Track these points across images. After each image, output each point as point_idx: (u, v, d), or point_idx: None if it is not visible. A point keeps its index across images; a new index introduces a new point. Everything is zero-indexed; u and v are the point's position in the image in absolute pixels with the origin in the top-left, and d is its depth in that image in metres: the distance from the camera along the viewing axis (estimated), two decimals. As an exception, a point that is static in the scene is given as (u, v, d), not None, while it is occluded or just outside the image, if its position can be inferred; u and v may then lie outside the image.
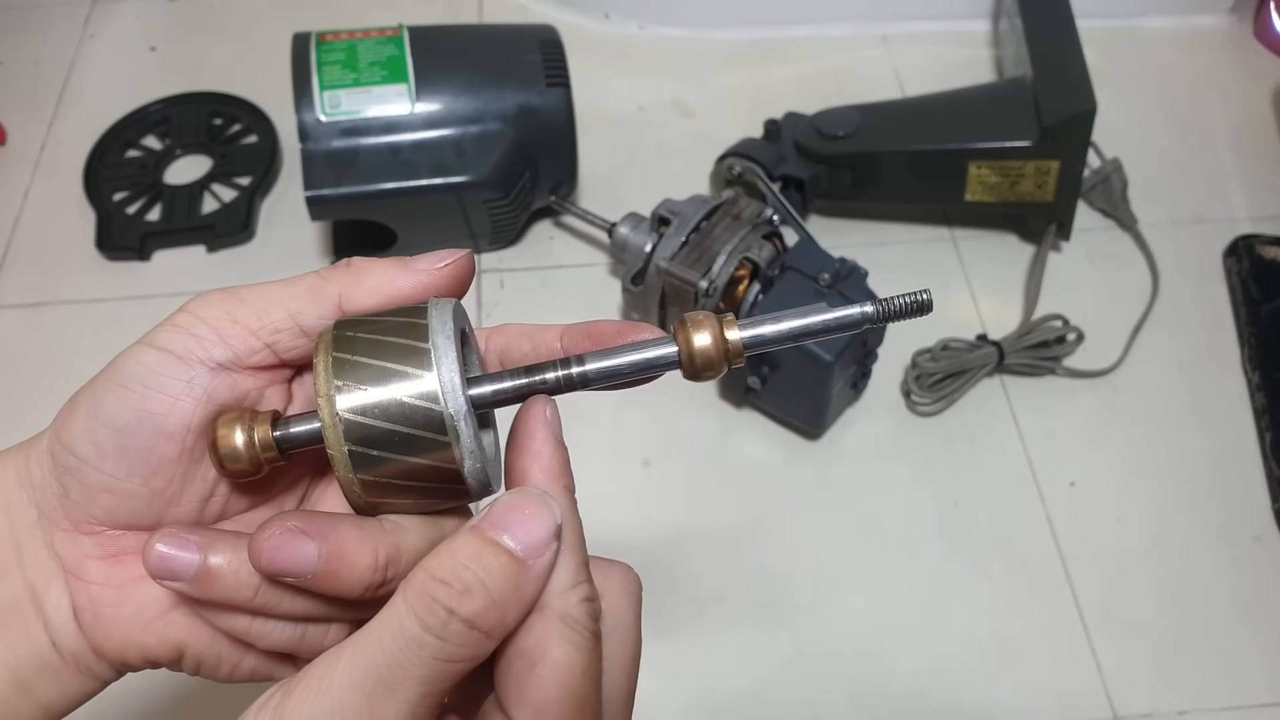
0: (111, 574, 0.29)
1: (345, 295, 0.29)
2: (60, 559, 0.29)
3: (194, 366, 0.28)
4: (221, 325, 0.28)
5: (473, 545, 0.25)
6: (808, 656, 0.59)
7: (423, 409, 0.26)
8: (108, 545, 0.29)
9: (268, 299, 0.29)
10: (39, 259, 0.76)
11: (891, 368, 0.68)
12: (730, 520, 0.64)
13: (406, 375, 0.26)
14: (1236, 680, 0.58)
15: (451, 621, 0.24)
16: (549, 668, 0.25)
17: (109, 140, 0.82)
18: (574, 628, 0.26)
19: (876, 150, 0.73)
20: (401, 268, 0.29)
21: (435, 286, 0.29)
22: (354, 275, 0.29)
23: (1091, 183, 0.77)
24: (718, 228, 0.65)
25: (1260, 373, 0.68)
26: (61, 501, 0.29)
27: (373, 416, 0.26)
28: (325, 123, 0.67)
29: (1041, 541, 0.62)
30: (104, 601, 0.29)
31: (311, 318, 0.29)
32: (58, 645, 0.29)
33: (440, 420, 0.26)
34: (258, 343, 0.29)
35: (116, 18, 0.93)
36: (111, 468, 0.28)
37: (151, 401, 0.28)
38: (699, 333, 0.28)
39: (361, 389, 0.26)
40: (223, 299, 0.29)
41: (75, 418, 0.28)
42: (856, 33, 0.90)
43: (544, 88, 0.70)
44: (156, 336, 0.29)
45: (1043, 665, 0.58)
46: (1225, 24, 0.91)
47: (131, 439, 0.28)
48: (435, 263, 0.29)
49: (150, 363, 0.28)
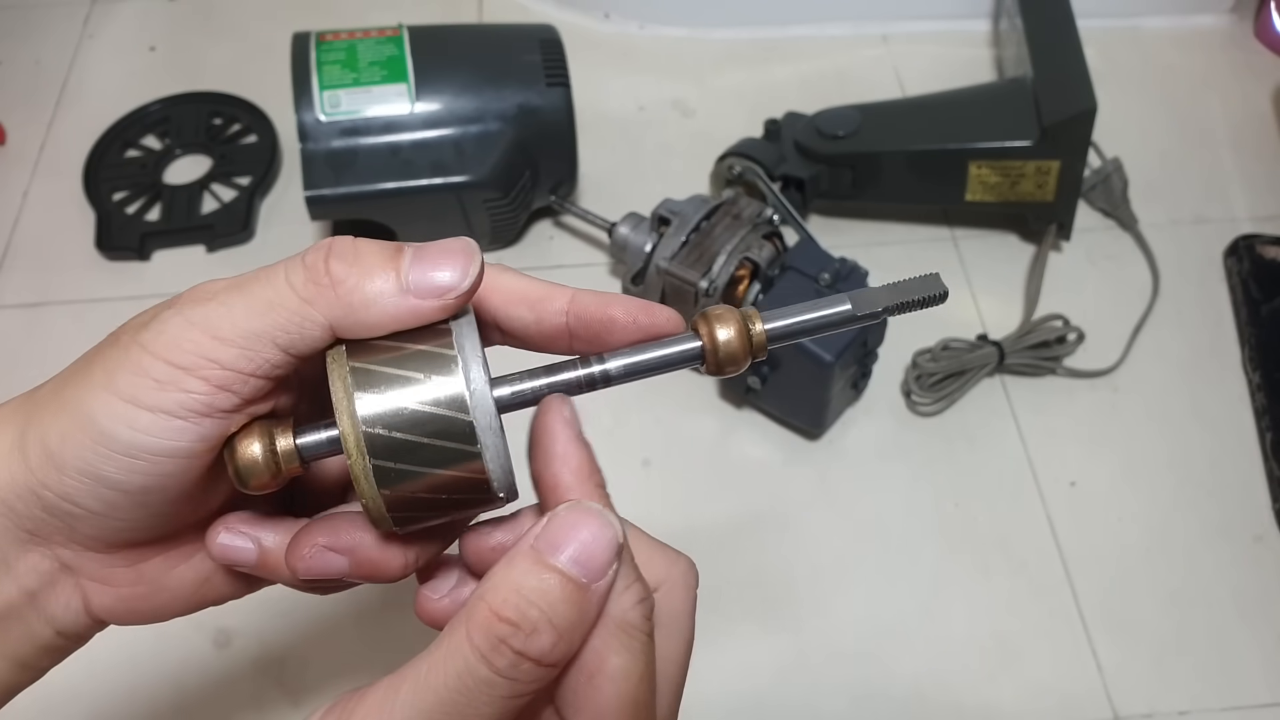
0: (141, 575, 0.29)
1: (338, 324, 0.26)
2: (75, 571, 0.29)
3: (202, 424, 0.26)
4: (209, 373, 0.25)
5: (534, 575, 0.24)
6: (808, 657, 0.59)
7: (448, 418, 0.25)
8: (131, 557, 0.29)
9: (251, 335, 0.25)
10: (38, 259, 0.76)
11: (892, 368, 0.68)
12: (730, 520, 0.63)
13: (431, 383, 0.25)
14: (1237, 680, 0.57)
15: (521, 663, 0.24)
16: (607, 678, 0.25)
17: (108, 140, 0.82)
18: (630, 634, 0.25)
19: (877, 150, 0.73)
20: (398, 288, 0.25)
21: (443, 315, 0.26)
22: (343, 302, 0.25)
23: (1092, 182, 0.77)
24: (718, 227, 0.65)
25: (1261, 373, 0.68)
26: (67, 533, 0.28)
27: (397, 428, 0.25)
28: (325, 122, 0.67)
29: (1042, 541, 0.62)
30: (137, 597, 0.29)
31: (304, 348, 0.26)
32: (63, 633, 0.29)
33: (468, 429, 0.25)
34: (258, 382, 0.26)
35: (116, 18, 0.93)
36: (129, 515, 0.27)
37: (168, 465, 0.26)
38: (722, 327, 0.27)
39: (383, 398, 0.25)
40: (198, 339, 0.25)
41: (65, 476, 0.26)
42: (857, 32, 0.90)
43: (544, 87, 0.70)
44: (140, 393, 0.25)
45: (1043, 665, 0.58)
46: (1226, 24, 0.91)
47: (150, 497, 0.27)
48: (442, 281, 0.25)
49: (149, 428, 0.25)
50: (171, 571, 0.30)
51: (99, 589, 0.29)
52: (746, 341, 0.27)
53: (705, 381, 0.69)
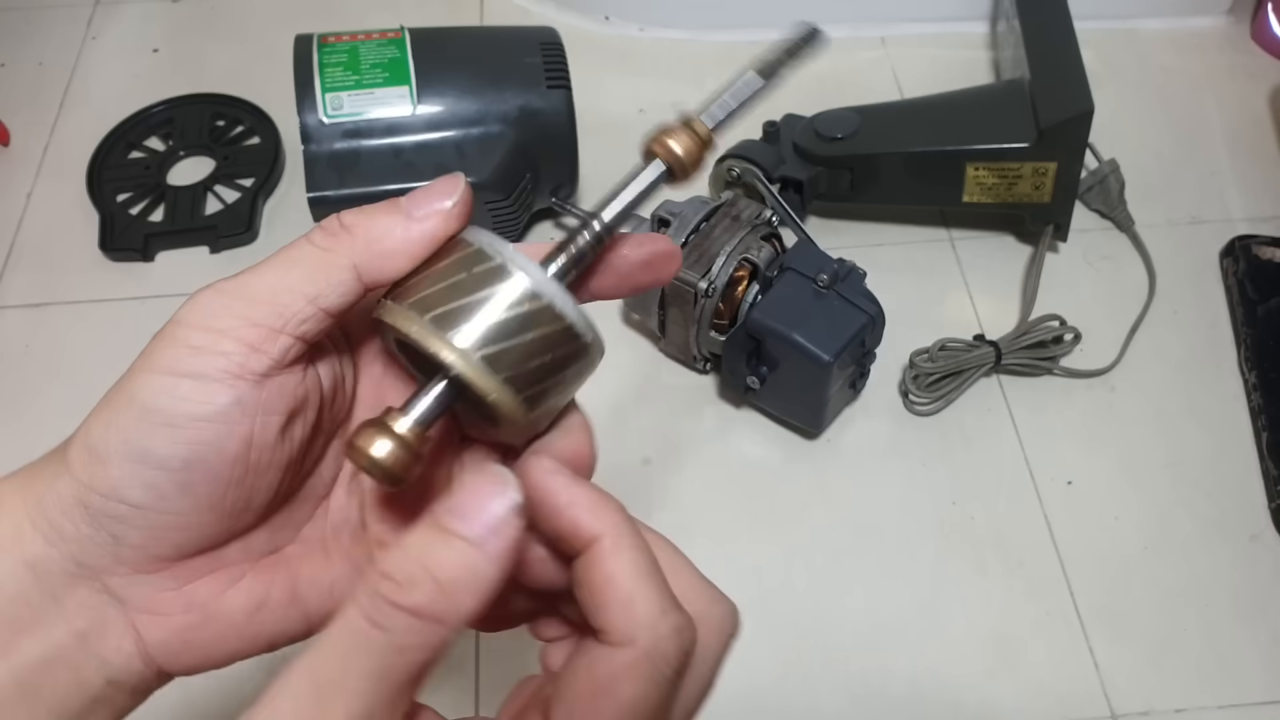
0: (191, 600, 0.29)
1: (363, 268, 0.27)
2: (125, 603, 0.28)
3: (237, 385, 0.26)
4: (242, 333, 0.26)
5: (423, 536, 0.24)
6: (807, 655, 0.59)
7: (530, 310, 0.27)
8: (180, 574, 0.28)
9: (280, 290, 0.27)
10: (42, 260, 0.77)
11: (889, 368, 0.69)
12: (729, 519, 0.64)
13: (499, 291, 0.27)
14: (1233, 678, 0.58)
15: (396, 615, 0.23)
16: (613, 701, 0.24)
17: (112, 141, 0.82)
18: (656, 665, 0.24)
19: (875, 152, 0.73)
20: (404, 217, 0.27)
21: (449, 229, 0.28)
22: (360, 241, 0.27)
23: (1089, 184, 0.77)
24: (717, 229, 0.65)
25: (1257, 372, 0.68)
26: (113, 551, 0.27)
27: (499, 342, 0.26)
28: (327, 124, 0.68)
29: (1039, 540, 0.63)
30: (190, 627, 0.29)
31: (333, 298, 0.27)
32: (114, 682, 0.28)
33: (551, 308, 0.27)
34: (288, 339, 0.27)
35: (119, 19, 0.93)
36: (175, 506, 0.27)
37: (207, 433, 0.26)
38: (674, 140, 0.31)
39: (471, 327, 0.26)
40: (229, 302, 0.27)
41: (110, 467, 0.26)
42: (855, 35, 0.91)
43: (545, 89, 0.70)
44: (178, 362, 0.26)
45: (1040, 664, 0.58)
46: (1223, 26, 0.91)
47: (193, 474, 0.26)
48: (436, 202, 0.28)
49: (188, 394, 0.26)
50: (222, 596, 0.29)
51: (150, 622, 0.28)
52: (699, 141, 0.31)
53: (705, 381, 0.70)
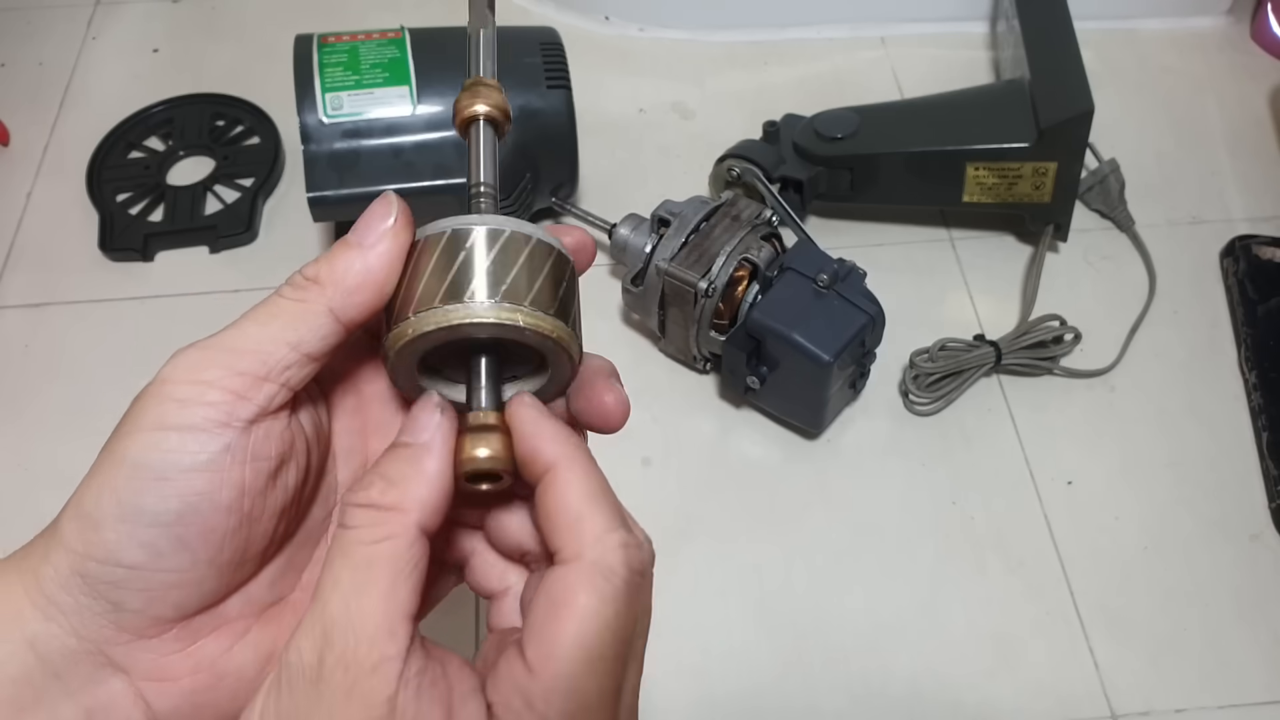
0: (198, 660, 0.28)
1: (338, 309, 0.28)
2: (130, 672, 0.28)
3: (225, 434, 0.27)
4: (228, 382, 0.27)
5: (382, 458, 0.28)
6: (807, 656, 0.59)
7: (504, 245, 0.29)
8: (184, 636, 0.28)
9: (263, 340, 0.27)
10: (42, 260, 0.77)
11: (889, 367, 0.69)
12: (729, 519, 0.64)
13: (470, 248, 0.29)
14: (1233, 678, 0.58)
15: (356, 512, 0.26)
16: (570, 611, 0.26)
17: (112, 141, 0.82)
18: (607, 577, 0.26)
19: (875, 152, 0.73)
20: (359, 250, 0.28)
21: (400, 243, 0.29)
22: (328, 286, 0.28)
23: (1089, 184, 0.77)
24: (717, 229, 0.65)
25: (1257, 372, 0.68)
26: (114, 619, 0.27)
27: (502, 282, 0.28)
28: (327, 124, 0.68)
29: (1039, 540, 0.63)
30: (200, 689, 0.28)
31: (315, 342, 0.28)
32: None
33: (519, 234, 0.29)
34: (273, 386, 0.27)
35: (119, 19, 0.93)
36: (172, 563, 0.27)
37: (199, 483, 0.26)
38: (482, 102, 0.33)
39: (475, 285, 0.28)
40: (213, 355, 0.27)
41: (104, 530, 0.26)
42: (855, 35, 0.91)
43: (545, 90, 0.70)
44: (165, 417, 0.27)
45: (1040, 664, 0.58)
46: (1222, 26, 0.91)
47: (188, 527, 0.27)
48: (378, 225, 0.29)
49: (177, 445, 0.26)
50: (229, 653, 0.29)
51: (158, 689, 0.28)
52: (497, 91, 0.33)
53: (705, 381, 0.69)
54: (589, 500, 0.27)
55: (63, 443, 0.65)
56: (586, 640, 0.26)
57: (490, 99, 0.33)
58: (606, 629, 0.26)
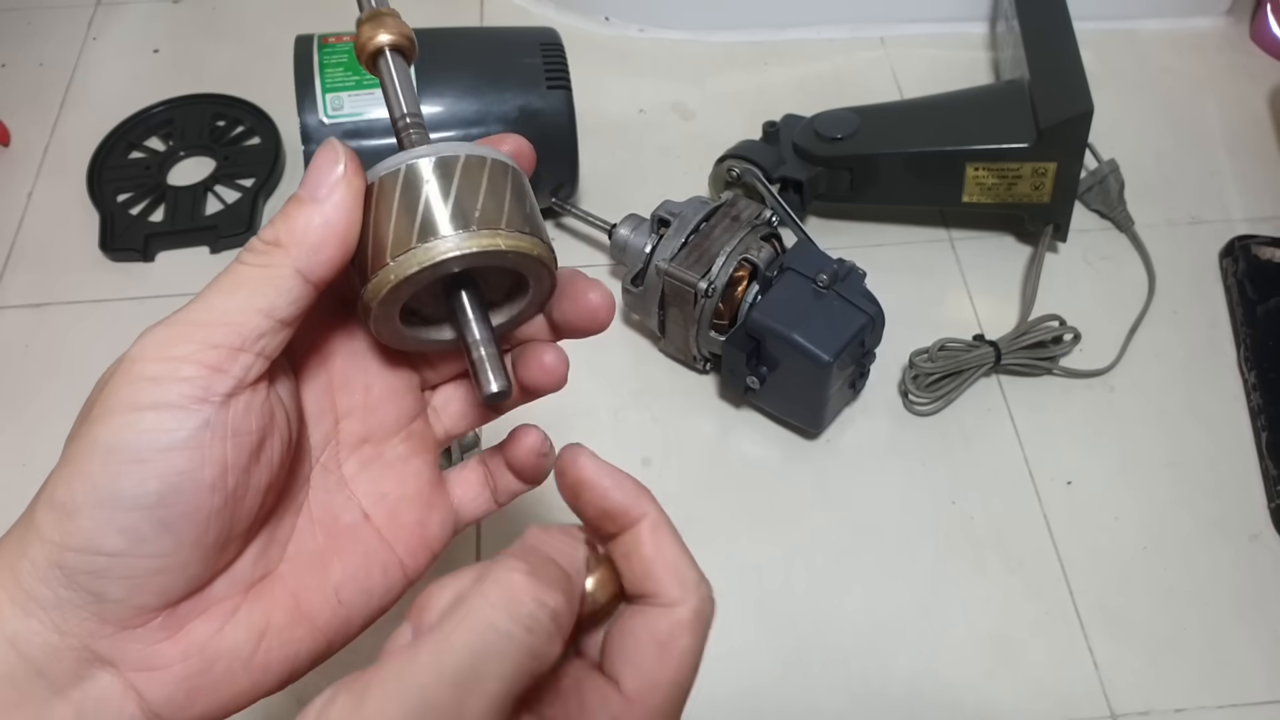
0: (188, 646, 0.28)
1: (304, 268, 0.27)
2: (118, 664, 0.27)
3: (203, 409, 0.26)
4: (202, 356, 0.26)
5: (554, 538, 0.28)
6: (807, 656, 0.59)
7: (462, 171, 0.28)
8: (170, 623, 0.27)
9: (231, 310, 0.27)
10: (42, 260, 0.77)
11: (889, 368, 0.69)
12: (729, 519, 0.64)
13: (425, 182, 0.28)
14: (1233, 678, 0.58)
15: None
16: (676, 653, 0.28)
17: (112, 141, 0.82)
18: (705, 619, 0.29)
19: (874, 152, 0.73)
20: (313, 204, 0.28)
21: (354, 190, 0.28)
22: (290, 246, 0.27)
23: (1088, 184, 0.78)
24: (717, 229, 0.65)
25: (1256, 372, 0.68)
26: (96, 610, 0.26)
27: (471, 209, 0.28)
28: (328, 124, 0.68)
29: (1038, 540, 0.63)
30: (193, 674, 0.28)
31: (286, 307, 0.27)
32: None
33: (471, 157, 0.29)
34: (249, 357, 0.27)
35: (119, 20, 0.93)
36: (156, 548, 0.26)
37: (179, 461, 0.26)
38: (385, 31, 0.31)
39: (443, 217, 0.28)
40: (184, 330, 0.26)
41: (81, 518, 0.25)
42: (854, 35, 0.91)
43: (545, 90, 0.70)
44: (137, 396, 0.26)
45: (1040, 664, 0.58)
46: (1222, 26, 0.92)
47: (170, 509, 0.26)
48: (328, 175, 0.28)
49: (153, 425, 0.25)
50: (219, 633, 0.28)
51: (148, 679, 0.27)
52: (394, 16, 0.32)
53: (705, 381, 0.70)
54: (681, 551, 0.29)
55: (63, 442, 0.65)
56: (683, 677, 0.28)
57: (394, 27, 0.32)
58: (693, 668, 0.29)
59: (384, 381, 0.33)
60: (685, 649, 0.28)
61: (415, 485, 0.34)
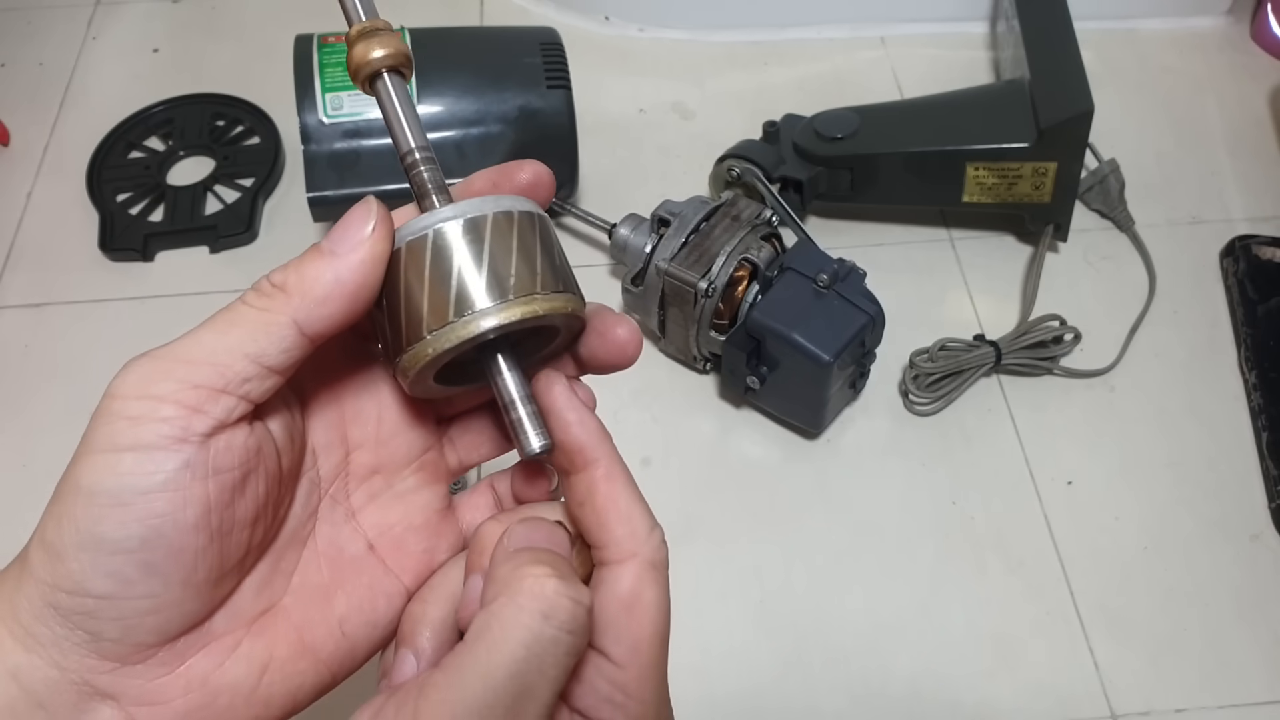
0: (189, 680, 0.27)
1: (303, 320, 0.26)
2: (119, 699, 0.27)
3: (182, 449, 0.25)
4: (182, 396, 0.25)
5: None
6: (807, 656, 0.59)
7: (491, 231, 0.28)
8: (170, 658, 0.27)
9: (219, 351, 0.26)
10: (42, 259, 0.77)
11: (889, 367, 0.69)
12: (729, 519, 0.64)
13: (455, 249, 0.27)
14: (1233, 678, 0.58)
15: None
16: (644, 608, 0.28)
17: (112, 141, 0.82)
18: (659, 570, 0.29)
19: (874, 152, 0.73)
20: (330, 258, 0.27)
21: (377, 252, 0.27)
22: (294, 295, 0.27)
23: (1089, 184, 0.77)
24: (717, 229, 0.65)
25: (1257, 372, 0.68)
26: (93, 648, 0.26)
27: (506, 275, 0.27)
28: (327, 124, 0.68)
29: (1039, 540, 0.63)
30: (194, 709, 0.27)
31: (277, 355, 0.26)
32: None
33: (496, 215, 0.28)
34: (231, 399, 0.26)
35: (119, 19, 0.93)
36: (143, 590, 0.26)
37: (159, 504, 0.25)
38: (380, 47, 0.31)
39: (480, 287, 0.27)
40: (166, 367, 0.26)
41: (68, 561, 0.25)
42: (855, 35, 0.91)
43: (545, 90, 0.70)
44: (117, 436, 0.25)
45: (1040, 664, 0.58)
46: (1222, 26, 0.92)
47: (154, 552, 0.25)
48: (356, 233, 0.27)
49: (132, 468, 0.25)
50: (221, 668, 0.28)
51: (150, 714, 0.27)
52: (389, 29, 0.31)
53: (705, 381, 0.70)
54: (634, 500, 0.29)
55: (63, 443, 0.64)
56: (660, 629, 0.28)
57: (390, 44, 0.30)
58: (666, 616, 0.29)
59: (397, 414, 0.33)
60: (650, 602, 0.28)
61: (424, 516, 0.33)
